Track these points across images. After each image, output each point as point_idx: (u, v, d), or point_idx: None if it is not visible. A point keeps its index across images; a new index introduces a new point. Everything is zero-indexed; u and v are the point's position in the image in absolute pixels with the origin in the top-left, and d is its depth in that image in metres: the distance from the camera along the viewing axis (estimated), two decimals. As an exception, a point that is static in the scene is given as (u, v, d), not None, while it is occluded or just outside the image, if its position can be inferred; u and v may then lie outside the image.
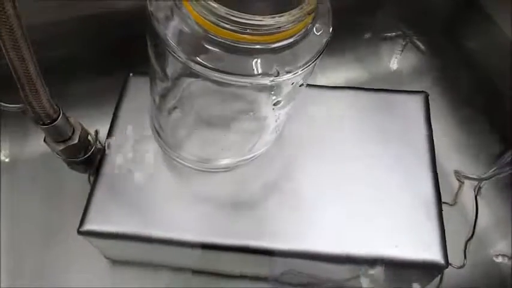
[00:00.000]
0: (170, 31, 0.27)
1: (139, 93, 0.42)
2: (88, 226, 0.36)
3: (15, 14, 0.26)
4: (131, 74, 0.44)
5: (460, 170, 0.39)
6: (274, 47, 0.27)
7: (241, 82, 0.27)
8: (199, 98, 0.33)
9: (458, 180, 0.39)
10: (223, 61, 0.27)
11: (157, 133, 0.39)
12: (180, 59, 0.27)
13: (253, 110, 0.33)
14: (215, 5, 0.25)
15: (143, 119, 0.41)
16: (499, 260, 0.40)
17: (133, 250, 0.39)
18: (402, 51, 0.52)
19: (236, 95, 0.32)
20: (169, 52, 0.27)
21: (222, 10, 0.25)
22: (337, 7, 0.52)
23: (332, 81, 0.46)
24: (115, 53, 0.48)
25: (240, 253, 0.36)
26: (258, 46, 0.26)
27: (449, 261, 0.35)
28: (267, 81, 0.28)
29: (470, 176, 0.38)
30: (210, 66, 0.27)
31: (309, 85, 0.44)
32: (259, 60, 0.27)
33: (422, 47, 0.52)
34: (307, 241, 0.36)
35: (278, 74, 0.27)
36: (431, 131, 0.40)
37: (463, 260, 0.38)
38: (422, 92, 0.43)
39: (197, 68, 0.27)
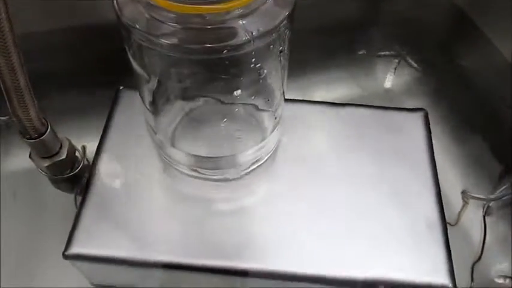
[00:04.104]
0: (141, 23, 0.27)
1: (130, 107, 0.41)
2: (75, 249, 0.33)
3: (7, 18, 0.24)
4: (121, 87, 0.42)
5: (468, 190, 0.38)
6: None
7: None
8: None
9: (463, 200, 0.39)
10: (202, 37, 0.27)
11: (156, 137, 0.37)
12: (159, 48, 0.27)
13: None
14: None
15: (135, 134, 0.39)
16: (501, 281, 0.39)
17: (123, 275, 0.36)
18: (396, 69, 0.52)
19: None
20: (147, 46, 0.28)
21: None
22: (332, 25, 0.53)
23: (325, 98, 0.44)
24: (103, 67, 0.46)
25: (236, 276, 0.34)
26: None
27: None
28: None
29: (479, 196, 0.37)
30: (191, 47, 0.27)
31: (306, 101, 0.43)
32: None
33: (415, 65, 0.52)
34: (307, 264, 0.34)
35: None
36: (433, 150, 0.39)
37: (470, 282, 0.36)
38: (421, 109, 0.42)
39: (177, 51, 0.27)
